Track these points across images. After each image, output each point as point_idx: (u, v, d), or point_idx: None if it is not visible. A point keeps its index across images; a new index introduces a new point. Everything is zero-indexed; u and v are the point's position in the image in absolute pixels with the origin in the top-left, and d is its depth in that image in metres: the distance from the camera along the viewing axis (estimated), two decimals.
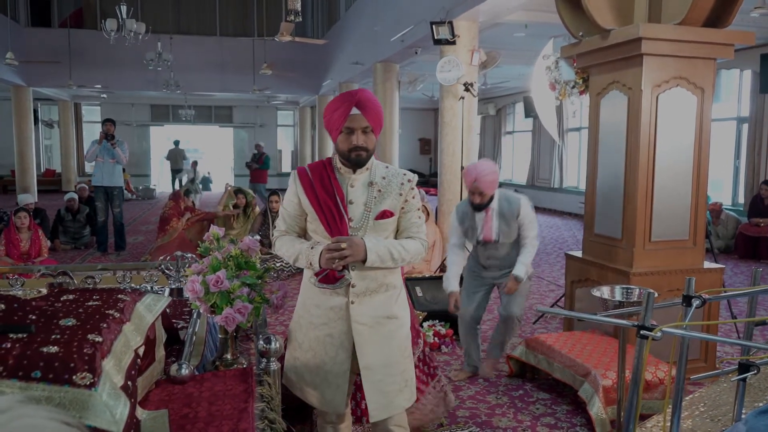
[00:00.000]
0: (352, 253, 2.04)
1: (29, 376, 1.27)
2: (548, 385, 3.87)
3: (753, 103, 9.08)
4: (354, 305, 2.18)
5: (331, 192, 2.14)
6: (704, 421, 2.06)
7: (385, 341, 2.22)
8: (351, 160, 2.14)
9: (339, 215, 2.12)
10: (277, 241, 2.29)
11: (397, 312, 2.26)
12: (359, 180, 2.20)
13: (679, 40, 3.62)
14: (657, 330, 1.47)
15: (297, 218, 2.26)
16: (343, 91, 13.31)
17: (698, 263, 3.95)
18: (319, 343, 2.24)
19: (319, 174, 2.19)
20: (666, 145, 3.79)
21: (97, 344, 1.46)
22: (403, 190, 2.21)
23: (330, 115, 2.14)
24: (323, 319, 2.22)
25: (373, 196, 2.18)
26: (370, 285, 2.19)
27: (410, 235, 2.25)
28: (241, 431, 1.74)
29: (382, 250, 2.12)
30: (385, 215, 2.18)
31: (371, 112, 2.11)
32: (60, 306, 1.74)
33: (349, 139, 2.11)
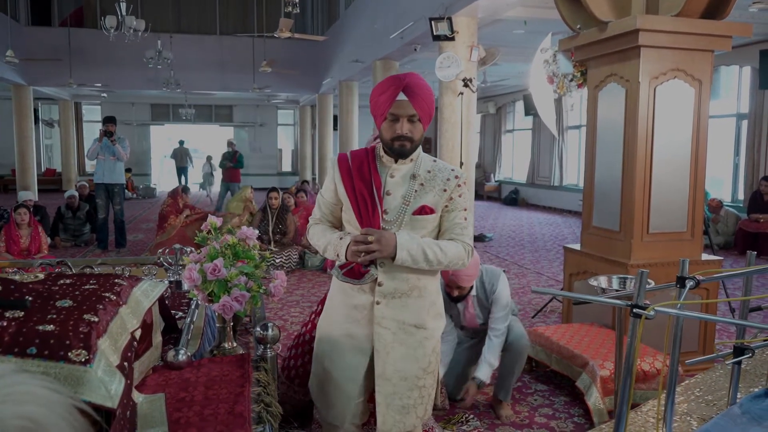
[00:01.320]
0: (381, 248, 1.87)
1: (25, 353, 1.28)
2: (546, 376, 3.87)
3: (752, 100, 9.08)
4: (379, 306, 1.99)
5: (368, 181, 1.99)
6: (699, 405, 2.07)
7: (409, 352, 2.02)
8: (394, 150, 1.97)
9: (372, 206, 1.96)
10: (310, 228, 2.17)
11: (427, 321, 2.05)
12: (401, 171, 2.02)
13: (677, 32, 3.63)
14: (650, 308, 1.47)
15: (332, 207, 2.11)
16: (343, 89, 13.28)
17: (696, 255, 3.95)
18: (337, 343, 2.09)
19: (359, 161, 2.04)
20: (664, 138, 3.80)
21: (93, 323, 1.47)
22: (449, 186, 2.01)
23: (376, 99, 1.97)
24: (346, 317, 2.07)
25: (414, 189, 1.99)
26: (399, 286, 1.99)
27: (452, 236, 2.02)
28: (237, 413, 1.75)
29: (415, 248, 1.91)
30: (424, 211, 1.98)
31: (420, 99, 1.92)
32: (57, 289, 1.75)
33: (393, 127, 1.93)
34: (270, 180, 21.21)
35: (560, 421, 3.28)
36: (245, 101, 20.46)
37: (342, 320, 2.08)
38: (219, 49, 16.04)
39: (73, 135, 18.92)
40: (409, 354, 2.02)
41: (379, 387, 2.03)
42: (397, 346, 2.01)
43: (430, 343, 2.07)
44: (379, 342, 2.01)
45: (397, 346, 2.01)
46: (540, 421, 3.27)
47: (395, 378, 2.02)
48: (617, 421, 1.53)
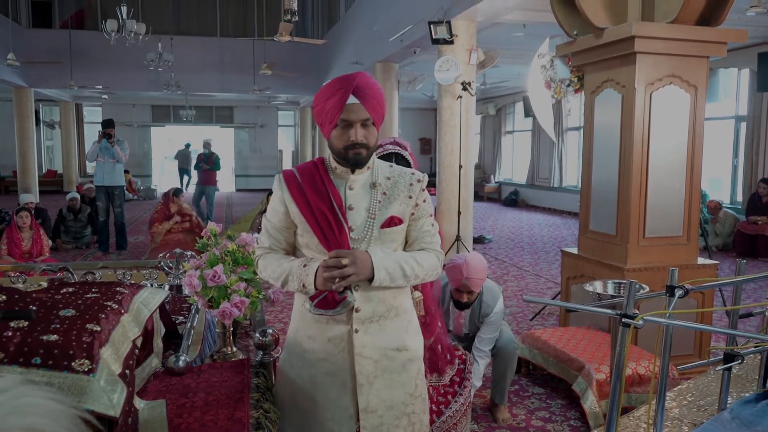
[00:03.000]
0: (357, 270, 1.67)
1: (29, 362, 1.32)
2: (543, 379, 3.91)
3: (751, 102, 9.11)
4: (358, 334, 1.79)
5: (325, 196, 1.77)
6: (691, 410, 2.11)
7: (393, 378, 1.84)
8: (349, 160, 1.76)
9: (337, 224, 1.74)
10: (260, 260, 1.89)
11: (408, 342, 1.87)
12: (359, 181, 1.82)
13: (672, 39, 3.66)
14: (639, 318, 1.51)
15: (284, 231, 1.85)
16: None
17: (692, 259, 3.99)
18: (316, 385, 1.84)
19: (310, 176, 1.81)
20: (660, 143, 3.84)
21: (96, 333, 1.50)
22: (413, 192, 1.84)
23: (322, 105, 1.75)
24: (320, 353, 1.83)
25: (377, 200, 1.80)
26: (377, 309, 1.80)
27: (422, 246, 1.86)
28: (237, 419, 1.79)
29: (392, 265, 1.74)
30: (393, 222, 1.79)
31: (372, 100, 1.73)
32: (60, 298, 1.78)
33: (346, 135, 1.73)
34: (270, 181, 21.15)
35: (556, 424, 3.32)
36: (246, 102, 20.51)
37: (316, 358, 1.84)
38: (219, 50, 16.09)
39: (74, 136, 18.98)
40: (394, 380, 1.84)
41: (364, 421, 1.83)
42: (380, 374, 1.82)
43: (415, 365, 1.89)
44: (361, 374, 1.80)
45: (380, 374, 1.82)
46: (537, 425, 3.30)
47: (381, 408, 1.83)
48: (607, 426, 1.57)
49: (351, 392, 1.83)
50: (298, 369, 1.88)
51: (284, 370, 1.95)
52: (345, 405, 1.83)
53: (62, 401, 1.06)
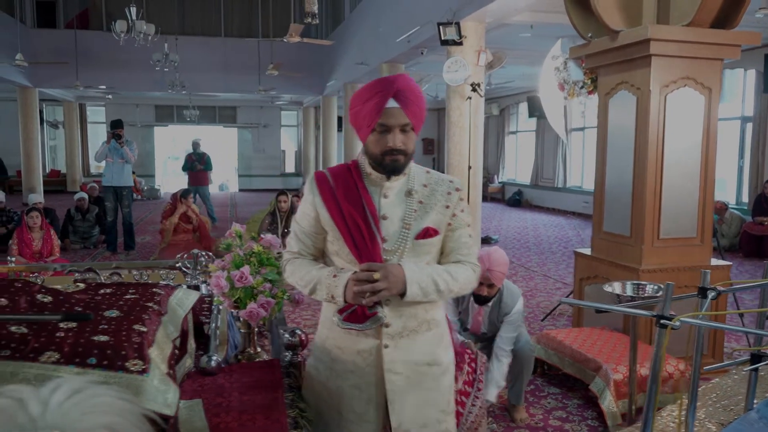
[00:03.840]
0: (388, 285, 1.60)
1: (85, 363, 1.34)
2: (558, 379, 3.94)
3: (757, 103, 9.14)
4: (388, 350, 1.72)
5: (358, 204, 1.68)
6: (717, 410, 2.13)
7: (425, 395, 1.77)
8: (385, 166, 1.68)
9: (370, 234, 1.66)
10: (288, 265, 1.82)
11: (440, 356, 1.81)
12: (394, 188, 1.73)
13: (687, 41, 3.69)
14: (676, 319, 1.54)
15: (314, 237, 1.78)
16: (348, 92, 13.29)
17: (705, 260, 4.02)
18: (342, 397, 1.78)
19: (344, 180, 1.73)
20: (674, 144, 3.86)
21: (143, 334, 1.53)
22: (451, 201, 1.75)
23: (359, 108, 1.68)
24: (348, 365, 1.77)
25: (413, 209, 1.71)
26: (408, 323, 1.72)
27: (458, 258, 1.77)
28: (275, 419, 1.81)
29: (425, 279, 1.66)
30: (428, 234, 1.71)
31: (413, 105, 1.65)
32: (100, 299, 1.81)
33: (384, 140, 1.65)
34: (273, 181, 21.31)
35: (574, 423, 3.35)
36: (249, 102, 20.54)
37: (344, 370, 1.78)
38: (223, 51, 16.12)
39: (78, 136, 19.01)
40: (426, 397, 1.77)
41: None
42: (411, 391, 1.75)
43: (446, 379, 1.83)
44: (392, 391, 1.73)
45: (412, 390, 1.75)
46: (554, 424, 3.33)
47: (414, 428, 1.76)
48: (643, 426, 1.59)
49: (377, 407, 1.77)
50: (324, 378, 1.83)
51: (311, 376, 1.91)
52: (370, 420, 1.77)
53: (132, 400, 1.09)
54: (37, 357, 1.35)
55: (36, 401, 0.96)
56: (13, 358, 1.34)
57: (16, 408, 0.95)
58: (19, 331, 1.41)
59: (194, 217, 8.09)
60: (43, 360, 1.34)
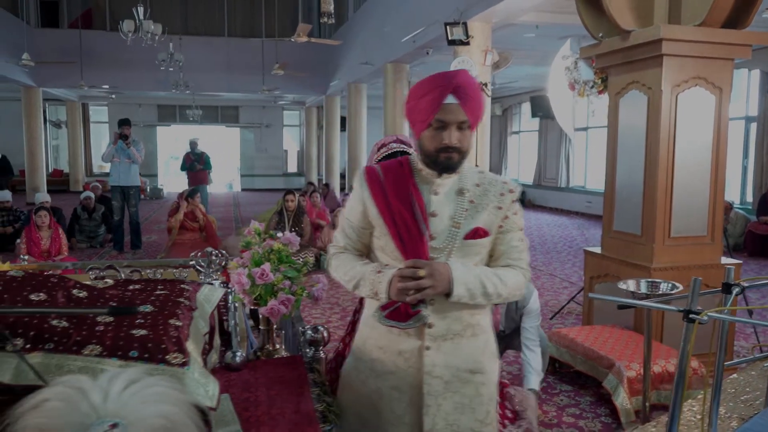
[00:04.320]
0: (434, 283, 1.56)
1: (127, 356, 1.37)
2: (570, 377, 3.96)
3: (761, 103, 9.17)
4: (429, 351, 1.68)
5: (407, 200, 1.65)
6: (737, 405, 2.16)
7: (463, 402, 1.72)
8: (439, 163, 1.64)
9: (417, 231, 1.63)
10: (333, 259, 1.83)
11: (484, 364, 1.74)
12: (445, 186, 1.69)
13: (699, 41, 3.72)
14: (703, 314, 1.57)
15: (361, 232, 1.76)
16: (351, 91, 13.30)
17: (716, 259, 4.04)
18: (382, 398, 1.74)
19: (394, 175, 1.71)
20: (685, 144, 3.89)
21: (179, 328, 1.56)
22: (504, 202, 1.70)
23: (415, 103, 1.63)
24: (389, 366, 1.73)
25: (464, 209, 1.67)
26: (452, 326, 1.68)
27: (508, 262, 1.72)
28: (303, 413, 1.84)
29: (473, 281, 1.61)
30: (478, 234, 1.66)
31: (471, 101, 1.60)
32: (130, 294, 1.83)
33: (440, 136, 1.61)
34: (276, 181, 21.35)
35: (588, 420, 3.37)
36: (251, 102, 20.58)
37: (383, 370, 1.75)
38: (227, 50, 16.15)
39: (81, 136, 19.04)
40: (464, 404, 1.71)
41: None
42: (449, 396, 1.70)
43: (488, 389, 1.76)
44: (429, 394, 1.69)
45: (450, 395, 1.70)
46: (568, 421, 3.36)
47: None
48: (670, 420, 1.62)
49: (418, 410, 1.72)
50: (364, 378, 1.80)
51: (350, 377, 1.88)
52: (409, 422, 1.73)
53: (184, 391, 1.11)
54: (80, 350, 1.37)
55: (97, 390, 0.99)
56: (57, 351, 1.36)
57: (78, 397, 0.98)
58: (61, 325, 1.44)
59: (201, 216, 8.12)
60: (86, 353, 1.37)
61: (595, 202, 12.78)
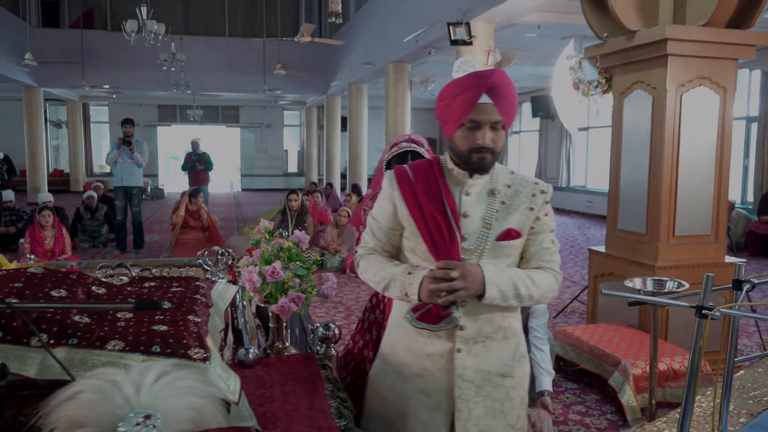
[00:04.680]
0: (466, 285, 1.54)
1: (150, 351, 1.39)
2: (575, 375, 3.98)
3: (762, 103, 9.20)
4: (460, 354, 1.65)
5: (438, 200, 1.63)
6: (746, 402, 2.18)
7: (494, 407, 1.68)
8: (471, 164, 1.62)
9: (449, 231, 1.61)
10: (361, 260, 1.78)
11: (515, 368, 1.72)
12: (477, 187, 1.67)
13: (704, 41, 3.74)
14: (716, 310, 1.59)
15: (390, 233, 1.73)
16: (352, 91, 13.29)
17: (720, 257, 4.06)
18: (409, 402, 1.71)
19: (424, 176, 1.68)
20: (689, 143, 3.91)
21: (199, 324, 1.58)
22: (535, 203, 1.68)
23: (448, 102, 1.61)
24: (417, 368, 1.70)
25: (495, 209, 1.65)
26: (483, 328, 1.66)
27: (540, 264, 1.69)
28: (318, 408, 1.86)
29: (505, 282, 1.59)
30: (510, 235, 1.64)
31: (505, 101, 1.58)
32: (146, 291, 1.85)
33: (473, 137, 1.58)
34: (276, 181, 21.37)
35: (594, 417, 3.39)
36: (252, 102, 20.59)
37: (412, 373, 1.71)
38: (227, 50, 16.17)
39: (81, 136, 19.04)
40: (495, 409, 1.68)
41: None
42: (480, 401, 1.67)
43: (518, 394, 1.73)
44: (460, 399, 1.66)
45: (481, 400, 1.67)
46: (574, 418, 3.38)
47: None
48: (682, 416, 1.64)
49: (445, 415, 1.68)
50: (391, 381, 1.76)
51: (377, 380, 1.83)
52: (436, 428, 1.69)
53: (210, 384, 1.13)
54: (103, 345, 1.39)
55: (129, 383, 1.01)
56: (80, 346, 1.38)
57: (111, 389, 1.00)
58: (83, 321, 1.46)
59: (205, 216, 8.14)
60: (109, 348, 1.38)
61: (596, 202, 12.81)
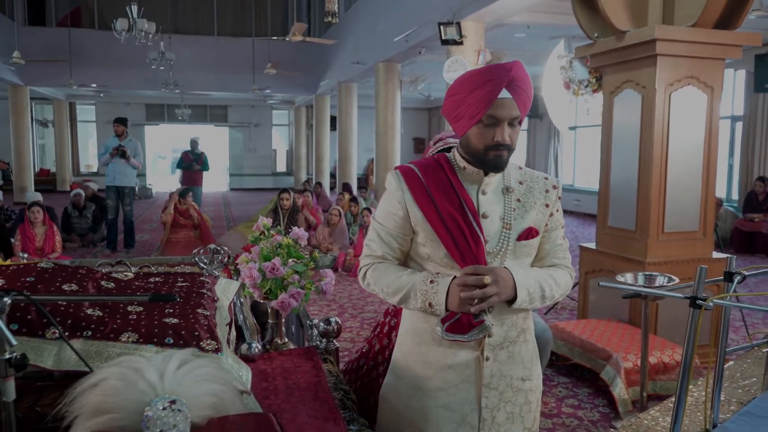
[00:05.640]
0: (499, 290, 1.45)
1: (163, 342, 1.42)
2: (567, 369, 4.05)
3: (747, 102, 9.35)
4: (488, 362, 1.55)
5: (456, 201, 1.52)
6: (735, 391, 2.26)
7: (514, 412, 1.61)
8: (488, 162, 1.52)
9: (473, 235, 1.50)
10: (369, 271, 1.62)
11: (532, 370, 1.65)
12: (492, 185, 1.57)
13: (692, 42, 3.82)
14: (709, 300, 1.65)
15: (400, 239, 1.59)
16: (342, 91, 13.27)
17: (708, 253, 4.15)
18: (429, 418, 1.58)
19: (435, 175, 1.56)
20: (678, 141, 3.99)
21: (209, 317, 1.61)
22: (549, 199, 1.62)
23: (463, 96, 1.48)
24: (438, 382, 1.57)
25: (512, 208, 1.56)
26: (509, 333, 1.58)
27: (554, 261, 1.64)
28: (322, 400, 1.90)
29: (533, 284, 1.52)
30: (531, 234, 1.57)
31: (524, 95, 1.49)
32: (153, 286, 1.88)
33: (491, 133, 1.48)
34: (265, 180, 21.33)
35: (586, 410, 3.46)
36: (240, 102, 20.54)
37: (432, 387, 1.58)
38: (216, 49, 16.12)
39: (68, 135, 18.89)
40: (515, 414, 1.61)
41: None
42: (502, 407, 1.59)
43: (535, 396, 1.67)
44: (486, 408, 1.57)
45: (502, 406, 1.59)
46: (567, 411, 3.45)
47: None
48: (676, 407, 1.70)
49: (470, 428, 1.58)
50: (406, 398, 1.62)
51: (389, 398, 1.70)
52: None
53: (228, 372, 1.17)
54: (117, 337, 1.42)
55: (153, 370, 1.05)
56: (95, 338, 1.41)
57: (135, 377, 1.03)
58: (95, 314, 1.49)
59: (195, 214, 8.14)
60: (123, 340, 1.42)
61: (584, 201, 12.92)
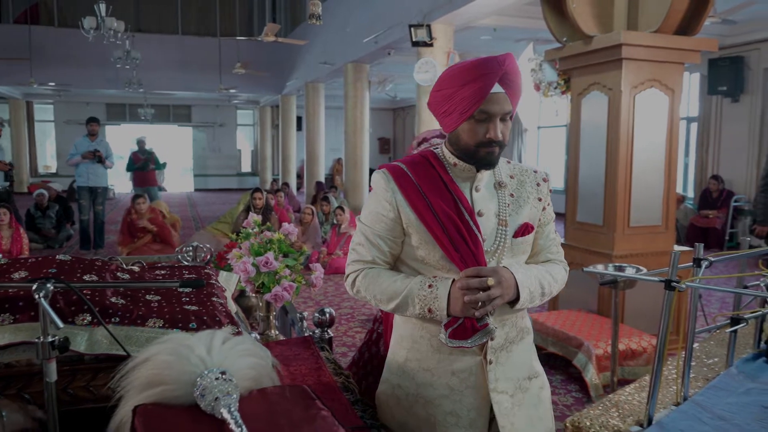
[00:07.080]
0: (502, 292, 1.39)
1: (188, 327, 1.51)
2: (541, 359, 4.19)
3: (701, 104, 9.78)
4: (492, 366, 1.48)
5: (449, 199, 1.45)
6: (701, 369, 2.44)
7: (531, 413, 1.54)
8: (479, 159, 1.45)
9: (470, 234, 1.43)
10: (360, 277, 1.51)
11: (536, 367, 1.60)
12: (484, 180, 1.50)
13: (655, 47, 4.05)
14: (682, 282, 1.82)
15: (390, 241, 1.50)
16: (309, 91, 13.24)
17: (669, 246, 4.40)
18: (434, 427, 1.50)
19: (426, 173, 1.49)
20: (642, 140, 4.22)
21: (224, 304, 1.70)
22: (542, 193, 1.56)
23: (453, 91, 1.41)
24: (441, 389, 1.50)
25: (506, 204, 1.50)
26: (509, 333, 1.52)
27: (548, 257, 1.59)
28: (325, 383, 2.00)
29: (534, 283, 1.47)
30: (527, 230, 1.51)
31: (517, 89, 1.43)
32: (161, 277, 1.96)
33: (483, 129, 1.41)
34: (229, 180, 21.17)
35: (561, 395, 3.65)
36: (204, 101, 20.34)
37: (435, 395, 1.50)
38: (181, 48, 15.96)
39: (25, 135, 18.41)
40: (533, 415, 1.54)
41: None
42: (517, 411, 1.50)
43: (546, 394, 1.61)
44: (501, 414, 1.48)
45: (518, 410, 1.51)
46: None
47: None
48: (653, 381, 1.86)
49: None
50: (407, 407, 1.54)
51: (389, 406, 1.60)
52: None
53: (263, 348, 1.27)
54: (144, 323, 1.50)
55: (201, 345, 1.15)
56: (123, 323, 1.49)
57: (186, 351, 1.13)
58: (119, 302, 1.56)
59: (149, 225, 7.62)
60: (150, 325, 1.50)
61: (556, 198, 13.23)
